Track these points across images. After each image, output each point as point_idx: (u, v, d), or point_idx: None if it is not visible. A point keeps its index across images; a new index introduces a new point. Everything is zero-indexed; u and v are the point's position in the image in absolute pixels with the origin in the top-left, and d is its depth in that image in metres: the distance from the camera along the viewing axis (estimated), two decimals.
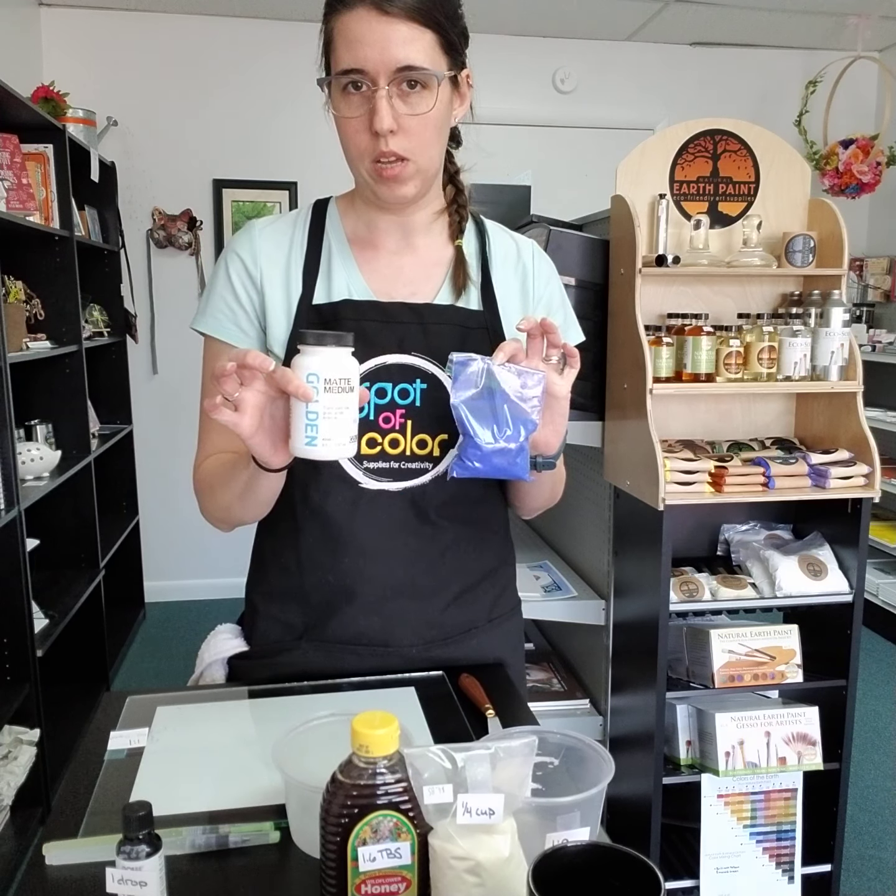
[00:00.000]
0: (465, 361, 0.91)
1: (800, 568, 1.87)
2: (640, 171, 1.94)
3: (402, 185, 0.99)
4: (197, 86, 3.87)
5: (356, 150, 0.98)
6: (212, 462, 1.07)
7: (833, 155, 3.97)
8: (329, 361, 0.82)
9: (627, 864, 0.60)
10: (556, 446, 1.01)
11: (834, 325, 1.84)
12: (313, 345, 0.82)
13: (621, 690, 2.08)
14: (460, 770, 0.66)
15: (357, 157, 0.98)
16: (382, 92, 0.92)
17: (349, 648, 1.09)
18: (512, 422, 0.92)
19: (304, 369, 0.81)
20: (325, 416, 0.82)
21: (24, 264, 2.80)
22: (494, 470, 0.94)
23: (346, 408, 0.83)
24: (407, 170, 0.97)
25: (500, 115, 4.02)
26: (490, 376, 0.91)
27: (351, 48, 0.92)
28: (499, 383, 0.91)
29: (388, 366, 1.03)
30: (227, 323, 1.07)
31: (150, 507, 4.02)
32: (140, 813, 0.66)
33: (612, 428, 1.99)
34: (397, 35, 0.91)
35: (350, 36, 0.92)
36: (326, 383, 0.81)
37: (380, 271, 1.08)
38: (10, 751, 2.22)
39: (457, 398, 0.91)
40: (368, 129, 0.94)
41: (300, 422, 0.82)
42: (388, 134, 0.94)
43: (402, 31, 0.91)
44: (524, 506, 1.19)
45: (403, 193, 1.00)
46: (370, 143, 0.96)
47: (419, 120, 0.95)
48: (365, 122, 0.95)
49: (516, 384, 0.91)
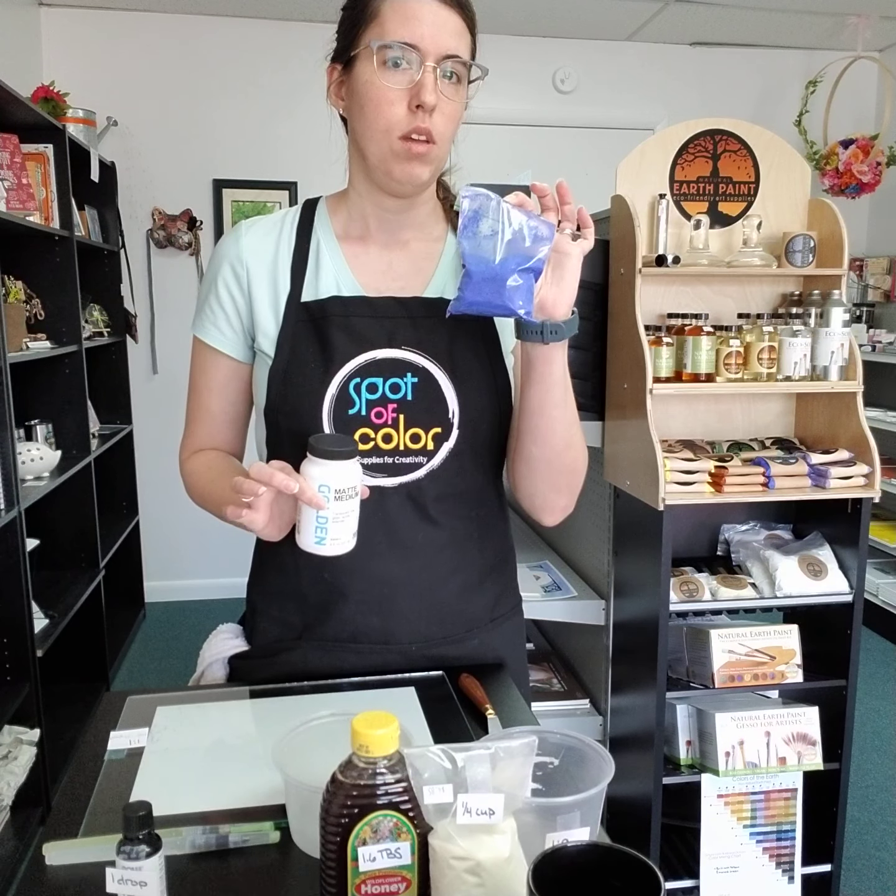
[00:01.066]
0: (474, 196, 0.89)
1: (800, 568, 1.87)
2: (640, 171, 1.94)
3: (423, 166, 0.99)
4: (197, 86, 3.87)
5: (386, 122, 0.97)
6: (201, 472, 1.12)
7: (833, 155, 3.97)
8: (338, 473, 0.88)
9: (627, 864, 0.60)
10: (564, 308, 0.95)
11: (834, 325, 1.84)
12: (324, 458, 0.88)
13: (621, 690, 2.08)
14: (460, 770, 0.66)
15: (385, 129, 0.97)
16: (433, 67, 0.95)
17: (348, 647, 1.09)
18: (511, 255, 0.89)
19: (316, 480, 0.88)
20: (334, 521, 0.90)
21: (24, 264, 2.80)
22: (486, 301, 0.90)
23: (352, 510, 0.91)
24: (432, 152, 0.98)
25: (500, 115, 4.02)
26: (497, 212, 0.89)
27: (408, 24, 0.94)
28: (507, 219, 0.89)
29: (379, 361, 1.04)
30: (208, 324, 1.10)
31: (150, 507, 4.02)
32: (140, 813, 0.66)
33: (612, 428, 1.99)
34: (451, 25, 0.96)
35: (408, 13, 0.95)
36: (336, 493, 0.88)
37: (369, 266, 1.08)
38: (10, 751, 2.22)
39: (461, 232, 0.89)
40: (408, 102, 0.95)
41: (310, 524, 0.90)
42: (432, 109, 0.95)
43: (455, 22, 0.97)
44: (536, 470, 1.07)
45: (419, 174, 0.99)
46: (405, 117, 0.96)
47: (452, 108, 0.98)
48: (405, 95, 0.96)
49: (524, 222, 0.89)
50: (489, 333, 1.08)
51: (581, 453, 1.09)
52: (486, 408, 1.07)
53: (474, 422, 1.06)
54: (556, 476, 1.08)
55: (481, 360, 1.07)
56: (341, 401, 1.03)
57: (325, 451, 0.88)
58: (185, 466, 1.15)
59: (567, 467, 1.08)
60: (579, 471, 1.10)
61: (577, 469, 1.09)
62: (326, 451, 0.88)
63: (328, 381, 1.02)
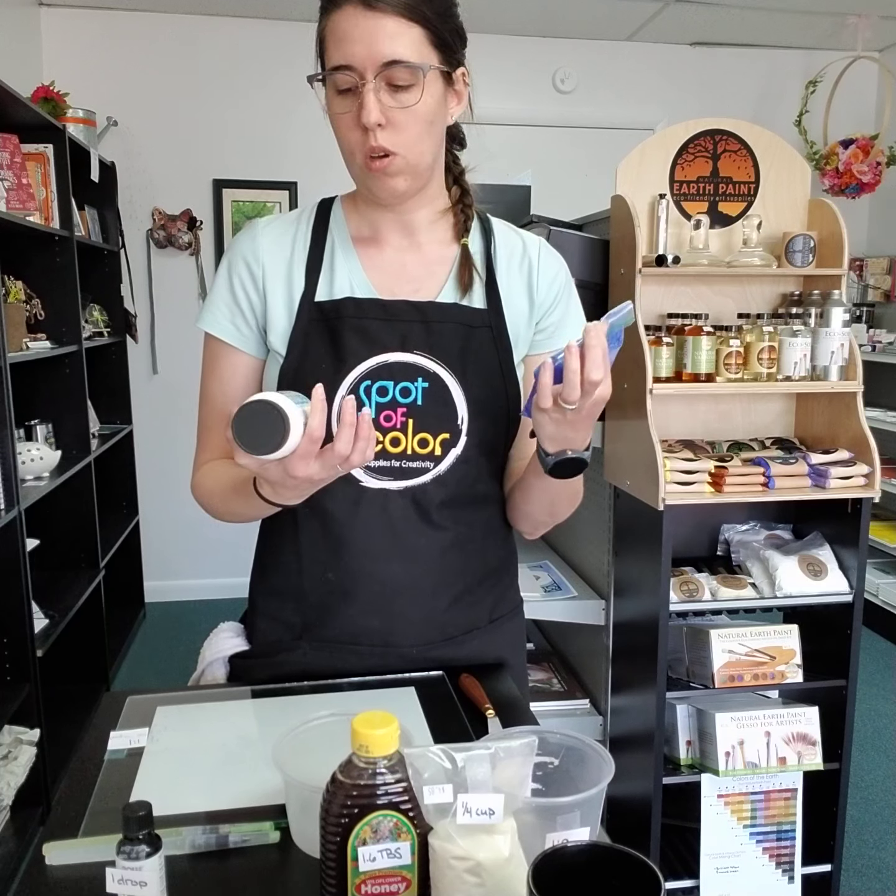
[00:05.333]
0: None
1: (800, 568, 1.87)
2: (640, 171, 1.94)
3: (391, 179, 0.99)
4: (197, 86, 3.87)
5: (348, 146, 0.99)
6: (210, 475, 1.09)
7: (833, 155, 3.97)
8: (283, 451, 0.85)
9: (627, 864, 0.60)
10: (576, 445, 0.95)
11: (834, 325, 1.84)
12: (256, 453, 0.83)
13: (621, 690, 2.08)
14: (460, 770, 0.66)
15: (349, 153, 0.99)
16: (370, 86, 0.93)
17: (349, 648, 1.09)
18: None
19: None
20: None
21: (24, 264, 2.80)
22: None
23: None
24: (394, 164, 0.98)
25: (500, 115, 4.02)
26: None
27: (339, 46, 0.94)
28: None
29: (390, 364, 1.03)
30: (224, 321, 1.08)
31: (150, 507, 4.02)
32: (140, 813, 0.66)
33: (613, 428, 1.99)
34: (383, 30, 0.92)
35: (339, 34, 0.94)
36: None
37: (383, 268, 1.08)
38: (10, 751, 2.22)
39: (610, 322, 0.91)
40: (358, 124, 0.95)
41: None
42: (375, 128, 0.95)
43: (389, 25, 0.92)
44: (518, 511, 1.15)
45: (392, 187, 1.00)
46: (360, 138, 0.96)
47: (407, 114, 0.96)
48: (355, 118, 0.95)
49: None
50: (502, 342, 1.08)
51: (571, 506, 1.14)
52: (496, 416, 1.07)
53: (483, 429, 1.06)
54: (534, 521, 1.15)
55: (492, 368, 1.06)
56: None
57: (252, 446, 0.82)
58: (195, 477, 1.11)
59: (550, 521, 1.15)
60: (562, 518, 1.15)
61: (559, 518, 1.15)
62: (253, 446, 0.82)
63: (339, 383, 1.02)
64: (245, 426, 0.81)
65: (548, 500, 1.09)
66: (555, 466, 0.96)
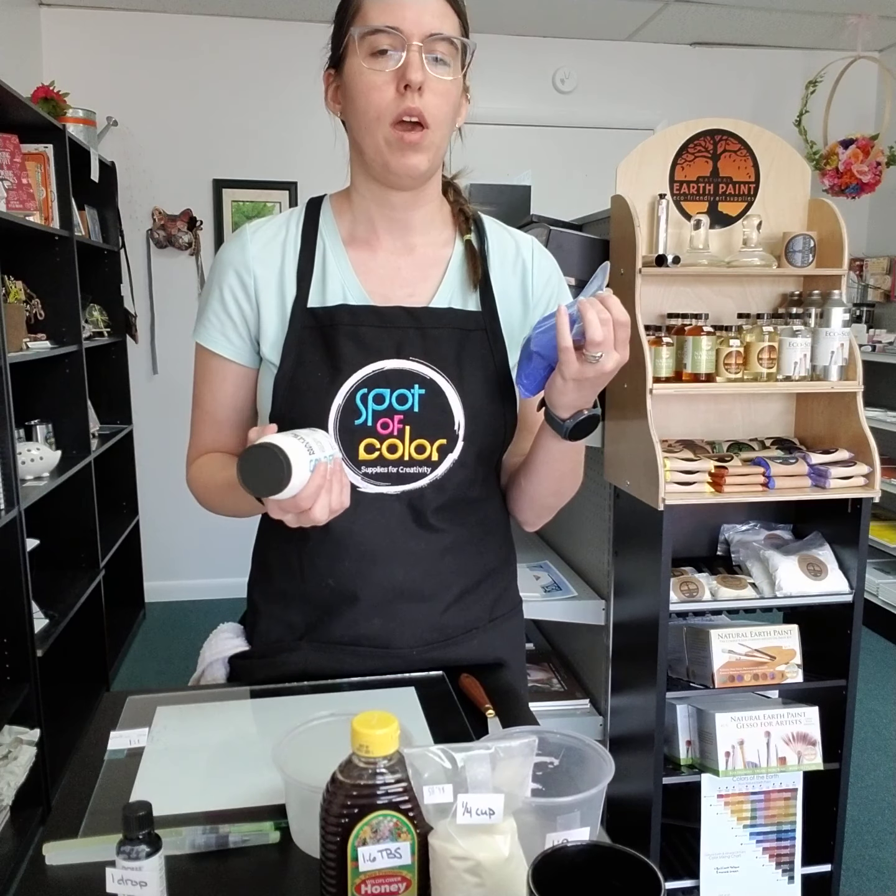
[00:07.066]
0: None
1: (800, 568, 1.87)
2: (640, 171, 1.94)
3: (418, 154, 0.98)
4: (197, 86, 3.87)
5: (376, 109, 0.96)
6: (206, 470, 1.10)
7: (833, 155, 3.97)
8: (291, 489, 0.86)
9: (627, 864, 0.60)
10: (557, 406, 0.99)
11: (834, 325, 1.84)
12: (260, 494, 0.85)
13: (621, 690, 2.08)
14: (460, 770, 0.66)
15: (376, 117, 0.97)
16: (416, 46, 0.94)
17: (349, 649, 1.09)
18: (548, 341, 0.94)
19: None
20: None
21: (24, 264, 2.80)
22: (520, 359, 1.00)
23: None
24: (426, 138, 0.97)
25: (500, 115, 4.02)
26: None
27: (389, 9, 0.95)
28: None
29: (386, 371, 1.03)
30: (215, 333, 1.07)
31: (150, 507, 4.02)
32: (140, 813, 0.66)
33: (613, 428, 1.99)
34: (433, 7, 0.96)
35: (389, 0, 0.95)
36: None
37: (376, 273, 1.07)
38: (10, 751, 2.22)
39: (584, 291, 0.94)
40: (395, 85, 0.95)
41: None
42: (418, 88, 0.94)
43: (437, 5, 0.96)
44: (524, 498, 1.15)
45: (416, 164, 0.98)
46: (394, 100, 0.95)
47: (444, 86, 0.97)
48: (392, 79, 0.95)
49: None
50: (497, 345, 1.08)
51: (575, 481, 1.15)
52: (492, 421, 1.06)
53: (479, 434, 1.05)
54: (539, 505, 1.16)
55: (488, 373, 1.06)
56: (347, 411, 1.01)
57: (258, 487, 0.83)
58: (190, 471, 1.14)
59: (555, 502, 1.16)
60: (566, 498, 1.16)
61: (564, 499, 1.16)
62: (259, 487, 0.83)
63: (335, 391, 1.01)
64: (249, 467, 0.82)
65: (556, 476, 1.10)
66: (574, 429, 0.99)
